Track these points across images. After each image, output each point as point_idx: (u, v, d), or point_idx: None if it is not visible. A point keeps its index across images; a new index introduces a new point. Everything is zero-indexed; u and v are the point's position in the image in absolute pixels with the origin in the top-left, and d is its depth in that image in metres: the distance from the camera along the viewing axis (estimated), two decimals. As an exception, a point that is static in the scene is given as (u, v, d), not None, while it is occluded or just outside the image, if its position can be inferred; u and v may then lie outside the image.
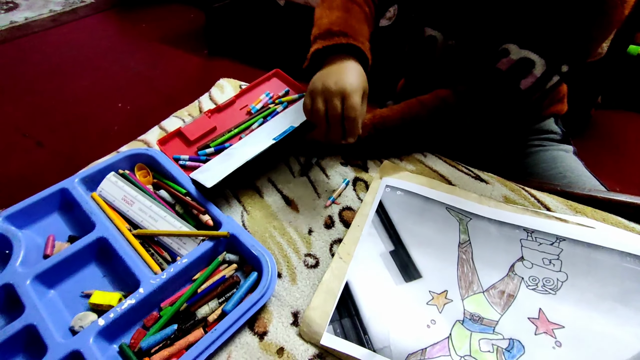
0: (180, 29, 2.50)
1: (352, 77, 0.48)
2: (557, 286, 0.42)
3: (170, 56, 2.18)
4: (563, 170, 0.62)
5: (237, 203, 0.54)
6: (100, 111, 1.71)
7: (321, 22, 0.55)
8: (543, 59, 0.50)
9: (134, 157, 0.56)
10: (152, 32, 2.45)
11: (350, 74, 0.49)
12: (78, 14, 2.66)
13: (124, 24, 2.58)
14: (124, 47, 2.26)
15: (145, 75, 1.98)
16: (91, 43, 2.30)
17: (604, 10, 0.47)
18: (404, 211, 0.50)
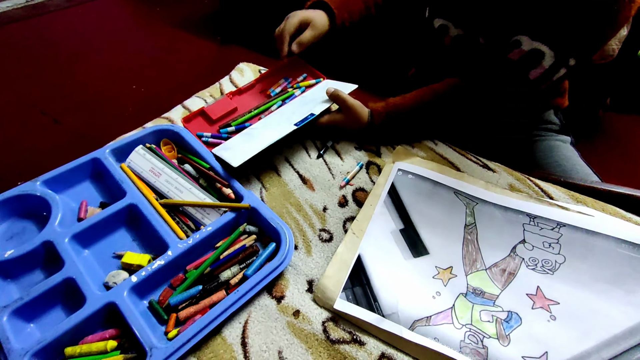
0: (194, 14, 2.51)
1: (303, 12, 0.65)
2: (555, 267, 0.45)
3: (183, 41, 2.20)
4: (558, 159, 0.65)
5: (256, 180, 0.57)
6: (114, 92, 1.74)
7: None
8: (553, 51, 0.53)
9: (160, 133, 0.59)
10: (166, 16, 2.46)
11: (304, 11, 0.65)
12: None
13: (139, 7, 2.59)
14: (138, 30, 2.28)
15: (159, 58, 2.00)
16: (106, 24, 2.33)
17: (612, 7, 0.50)
18: (414, 193, 0.53)
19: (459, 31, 0.65)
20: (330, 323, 0.42)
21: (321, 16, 0.65)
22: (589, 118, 1.45)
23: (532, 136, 0.70)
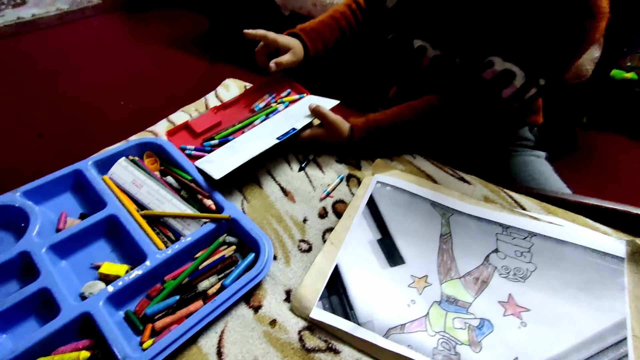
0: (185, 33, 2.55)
1: (281, 36, 0.69)
2: (527, 275, 0.46)
3: (174, 59, 2.23)
4: (533, 173, 0.67)
5: (237, 192, 0.58)
6: (102, 108, 1.75)
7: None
8: (523, 72, 0.55)
9: (144, 146, 0.60)
10: (157, 35, 2.50)
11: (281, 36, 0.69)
12: (85, 14, 2.71)
13: (130, 26, 2.63)
14: (129, 48, 2.31)
15: (148, 76, 2.03)
16: (96, 42, 2.35)
17: (578, 31, 0.53)
18: (392, 204, 0.54)
19: (436, 52, 0.68)
20: (307, 332, 0.42)
21: (299, 45, 0.70)
22: (567, 135, 1.49)
23: (508, 151, 0.72)
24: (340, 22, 0.74)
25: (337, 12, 0.75)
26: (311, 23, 0.74)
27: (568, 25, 0.53)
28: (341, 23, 0.74)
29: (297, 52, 0.69)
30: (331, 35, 0.74)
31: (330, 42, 0.74)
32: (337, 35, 0.75)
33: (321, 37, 0.73)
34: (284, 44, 0.68)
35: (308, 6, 1.74)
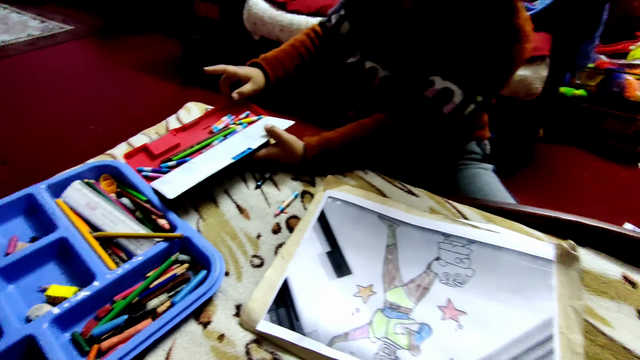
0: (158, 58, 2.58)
1: (242, 68, 0.74)
2: (465, 280, 0.49)
3: (145, 84, 2.24)
4: (480, 185, 0.71)
5: (193, 211, 0.60)
6: (70, 133, 1.73)
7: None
8: (460, 89, 0.60)
9: (100, 168, 0.61)
10: (129, 60, 2.51)
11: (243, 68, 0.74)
12: (56, 40, 2.71)
13: (102, 51, 2.64)
14: (100, 73, 2.31)
15: (118, 100, 2.03)
16: (67, 68, 2.34)
17: (504, 53, 0.58)
18: (342, 218, 0.56)
19: (386, 72, 0.72)
20: (254, 345, 0.43)
21: (259, 74, 0.75)
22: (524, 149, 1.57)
23: (457, 165, 0.77)
24: (300, 49, 0.80)
25: (297, 41, 0.81)
26: (273, 52, 0.79)
27: (496, 47, 0.59)
28: (300, 50, 0.80)
29: (257, 81, 0.74)
30: (291, 62, 0.79)
31: (290, 69, 0.79)
32: (297, 62, 0.80)
33: (282, 65, 0.78)
34: (244, 75, 0.73)
35: (276, 32, 1.80)
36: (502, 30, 0.58)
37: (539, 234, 0.54)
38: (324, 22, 0.81)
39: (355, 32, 0.76)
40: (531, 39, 0.60)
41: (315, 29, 0.82)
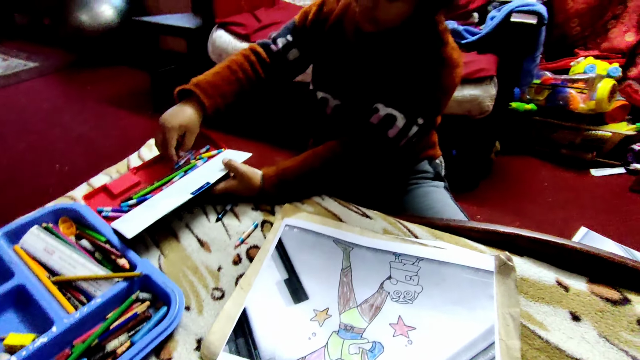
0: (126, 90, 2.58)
1: (177, 118, 0.68)
2: (415, 297, 0.52)
3: (114, 117, 2.23)
4: (432, 203, 0.76)
5: (155, 247, 0.61)
6: (36, 173, 1.70)
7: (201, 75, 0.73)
8: (402, 114, 0.65)
9: (58, 212, 0.61)
10: (97, 94, 2.50)
11: (178, 116, 0.69)
12: (20, 77, 2.67)
13: (69, 87, 2.62)
14: (67, 110, 2.28)
15: (87, 136, 2.01)
16: (32, 106, 2.31)
17: (437, 80, 0.64)
18: (299, 245, 0.59)
19: (337, 102, 0.77)
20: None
21: (193, 117, 0.69)
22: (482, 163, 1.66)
23: (409, 184, 0.82)
24: (238, 73, 0.74)
25: (233, 62, 0.75)
26: (207, 76, 0.73)
27: (428, 74, 0.65)
28: (239, 75, 0.74)
29: (193, 129, 0.70)
30: (230, 88, 0.73)
31: (229, 95, 0.73)
32: (235, 88, 0.74)
33: (219, 91, 0.72)
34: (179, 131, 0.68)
35: (242, 62, 1.85)
36: (432, 59, 0.65)
37: (482, 247, 0.59)
38: (267, 45, 0.78)
39: (304, 60, 0.79)
40: (459, 64, 0.66)
41: (255, 50, 0.77)
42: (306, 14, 0.77)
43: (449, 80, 0.65)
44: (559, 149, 1.88)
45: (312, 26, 0.76)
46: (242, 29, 1.84)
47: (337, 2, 0.75)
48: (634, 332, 0.48)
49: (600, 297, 0.51)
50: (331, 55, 0.75)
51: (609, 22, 1.87)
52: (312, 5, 0.76)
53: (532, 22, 1.30)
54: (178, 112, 0.69)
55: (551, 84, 1.76)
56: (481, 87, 1.42)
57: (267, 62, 0.78)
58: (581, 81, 1.69)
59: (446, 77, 0.65)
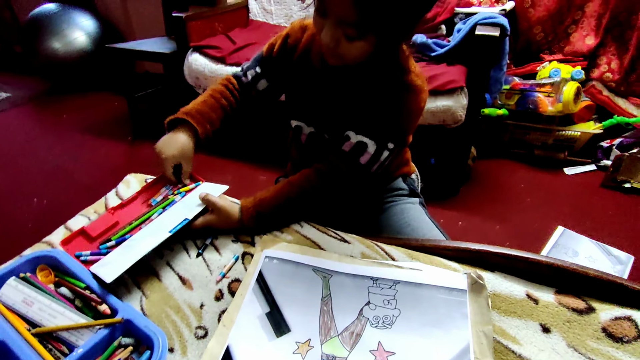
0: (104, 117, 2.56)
1: (172, 146, 0.73)
2: (393, 321, 0.54)
3: (92, 145, 2.21)
4: (408, 220, 0.78)
5: (136, 289, 0.61)
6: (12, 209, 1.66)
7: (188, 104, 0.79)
8: (372, 140, 0.67)
9: (36, 260, 0.61)
10: (73, 122, 2.48)
11: (172, 144, 0.74)
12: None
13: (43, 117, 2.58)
14: (43, 141, 2.25)
15: (64, 167, 1.98)
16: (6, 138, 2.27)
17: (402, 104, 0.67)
18: (279, 277, 0.60)
19: (311, 129, 0.79)
20: (199, 420, 0.45)
21: (187, 143, 0.75)
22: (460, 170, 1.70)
23: (385, 203, 0.84)
24: (221, 101, 0.80)
25: (216, 92, 0.81)
26: (194, 105, 0.78)
27: (394, 101, 0.67)
28: (222, 102, 0.80)
29: (188, 156, 0.75)
30: (216, 114, 0.79)
31: (215, 122, 0.79)
32: (220, 114, 0.80)
33: (208, 119, 0.78)
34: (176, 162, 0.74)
35: (219, 84, 1.87)
36: (397, 87, 0.67)
37: (455, 265, 0.61)
38: (239, 77, 0.83)
39: (273, 90, 0.82)
40: (424, 89, 0.69)
41: (231, 81, 0.83)
42: (272, 46, 0.79)
43: (415, 105, 0.68)
44: (533, 150, 1.95)
45: (279, 57, 0.78)
46: (217, 51, 1.86)
47: (303, 33, 0.77)
48: (599, 339, 0.50)
49: (567, 307, 0.54)
50: (301, 85, 0.77)
51: (569, 27, 1.96)
52: (277, 37, 0.79)
53: (495, 34, 1.35)
54: (171, 141, 0.74)
55: (520, 89, 1.83)
56: (453, 97, 1.46)
57: (238, 91, 0.83)
58: (547, 85, 1.77)
59: (412, 103, 0.68)
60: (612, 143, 1.86)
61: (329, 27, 0.59)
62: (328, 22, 0.59)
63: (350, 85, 0.71)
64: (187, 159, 0.75)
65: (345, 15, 0.55)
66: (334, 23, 0.58)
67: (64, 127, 2.41)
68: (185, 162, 0.75)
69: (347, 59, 0.62)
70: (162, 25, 2.48)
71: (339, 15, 0.56)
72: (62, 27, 2.70)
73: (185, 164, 0.75)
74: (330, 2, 0.57)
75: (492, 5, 1.82)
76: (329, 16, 0.58)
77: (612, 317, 0.52)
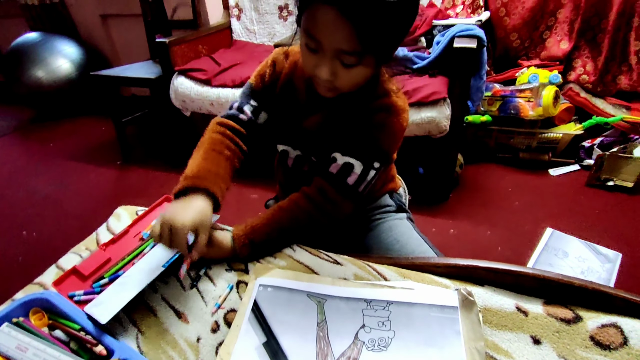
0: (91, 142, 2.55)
1: (188, 214, 0.62)
2: (388, 343, 0.54)
3: (81, 172, 2.20)
4: (397, 236, 0.80)
5: (132, 326, 0.61)
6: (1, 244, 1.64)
7: (185, 170, 0.70)
8: (359, 161, 0.69)
9: (28, 304, 0.61)
10: (61, 150, 2.46)
11: (187, 211, 0.62)
12: (-24, 142, 2.60)
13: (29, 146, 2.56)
14: (30, 171, 2.23)
15: (53, 197, 1.96)
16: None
17: (385, 125, 0.69)
18: (274, 305, 0.61)
19: (297, 153, 0.81)
20: None
21: (205, 209, 0.64)
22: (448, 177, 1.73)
23: (373, 221, 0.85)
24: (225, 153, 0.73)
25: (216, 144, 0.73)
26: (199, 167, 0.69)
27: (377, 123, 0.69)
28: (227, 154, 0.73)
29: (207, 224, 0.64)
30: (225, 171, 0.72)
31: (228, 179, 0.72)
32: (230, 169, 0.73)
33: (219, 177, 0.69)
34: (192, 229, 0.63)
35: (206, 106, 1.88)
36: (380, 109, 0.69)
37: (446, 281, 0.62)
38: (235, 116, 0.78)
39: (272, 120, 0.81)
40: (405, 109, 0.72)
41: (227, 125, 0.76)
42: (262, 76, 0.78)
43: (398, 126, 0.70)
44: (518, 154, 1.99)
45: (271, 85, 0.78)
46: (203, 74, 1.88)
47: (286, 59, 0.79)
48: (587, 348, 0.52)
49: (556, 317, 0.55)
50: (285, 111, 0.79)
51: (544, 33, 2.02)
52: (264, 67, 0.79)
53: (472, 46, 1.40)
54: (187, 208, 0.63)
55: (501, 95, 1.88)
56: (436, 108, 1.50)
57: (243, 133, 0.77)
58: (527, 90, 1.82)
59: (395, 124, 0.70)
60: (593, 143, 1.91)
61: (325, 61, 0.59)
62: (323, 57, 0.59)
63: (334, 110, 0.73)
64: (206, 227, 0.64)
65: (345, 46, 0.56)
66: (330, 57, 0.59)
67: (51, 155, 2.39)
68: (203, 231, 0.64)
69: (345, 89, 0.63)
70: (146, 49, 2.49)
71: (337, 47, 0.57)
72: (44, 55, 2.70)
73: (203, 233, 0.64)
74: (327, 38, 0.57)
75: (468, 16, 1.87)
76: (325, 50, 0.58)
77: (599, 325, 0.53)
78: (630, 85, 1.95)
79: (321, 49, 0.59)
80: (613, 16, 1.85)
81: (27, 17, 3.00)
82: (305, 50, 0.62)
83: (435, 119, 1.49)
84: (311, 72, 0.64)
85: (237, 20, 2.37)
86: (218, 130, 0.76)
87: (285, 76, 0.77)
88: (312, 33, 0.58)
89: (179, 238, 0.61)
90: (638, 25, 1.84)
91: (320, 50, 0.59)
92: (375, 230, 0.83)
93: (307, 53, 0.62)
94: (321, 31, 0.57)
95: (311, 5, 0.57)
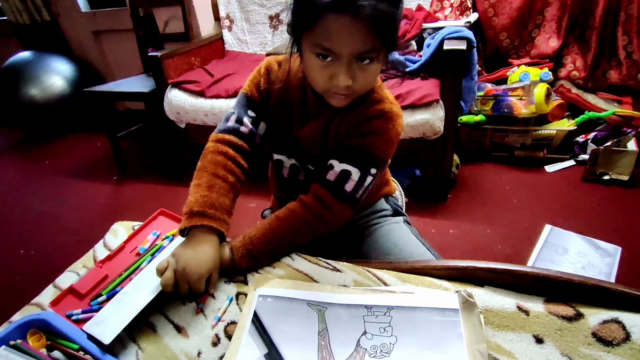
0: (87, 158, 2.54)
1: (202, 263, 0.63)
2: (390, 349, 0.54)
3: (78, 188, 2.19)
4: (395, 240, 0.80)
5: (131, 343, 0.60)
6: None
7: (189, 199, 0.68)
8: (356, 168, 0.69)
9: (26, 325, 0.60)
10: (56, 167, 2.45)
11: (201, 260, 0.63)
12: (-29, 163, 2.59)
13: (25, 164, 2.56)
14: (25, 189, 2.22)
15: (50, 214, 1.95)
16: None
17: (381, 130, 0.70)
18: (274, 315, 0.60)
19: (292, 161, 0.80)
20: None
21: (216, 254, 0.65)
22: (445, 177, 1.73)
23: (370, 226, 0.85)
24: (229, 179, 0.71)
25: (218, 168, 0.71)
26: (204, 197, 0.67)
27: (372, 129, 0.70)
28: (229, 180, 0.71)
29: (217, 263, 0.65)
30: (229, 199, 0.70)
31: (231, 208, 0.71)
32: (233, 195, 0.72)
33: (224, 208, 0.68)
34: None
35: (201, 117, 1.88)
36: (374, 116, 0.70)
37: (446, 283, 0.62)
38: (235, 130, 0.75)
39: (271, 130, 0.80)
40: (399, 115, 0.72)
41: (228, 141, 0.74)
42: (257, 85, 0.77)
43: (393, 132, 0.71)
44: (513, 152, 2.00)
45: (266, 94, 0.77)
46: (196, 85, 1.88)
47: (279, 68, 0.79)
48: (590, 345, 0.52)
49: (557, 315, 0.55)
50: (279, 120, 0.79)
51: (533, 32, 2.05)
52: (257, 76, 0.78)
53: (462, 47, 1.41)
54: (198, 255, 0.63)
55: (493, 95, 1.89)
56: (429, 110, 1.50)
57: (246, 150, 0.75)
58: (519, 89, 1.83)
59: (390, 130, 0.70)
60: (587, 138, 1.92)
61: (342, 69, 0.59)
62: (340, 65, 0.59)
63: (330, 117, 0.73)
64: (217, 268, 0.66)
65: (363, 47, 0.57)
66: (347, 63, 0.59)
67: (47, 173, 2.38)
68: (215, 271, 0.66)
69: (361, 91, 0.64)
70: (139, 63, 2.50)
71: (354, 52, 0.58)
72: (38, 73, 2.70)
73: (215, 273, 0.66)
74: (344, 45, 0.57)
75: (457, 18, 1.89)
76: (342, 58, 0.58)
77: (601, 321, 0.53)
78: (620, 80, 1.97)
79: (337, 57, 0.59)
80: (599, 12, 1.87)
81: (20, 36, 3.00)
82: (316, 65, 0.61)
83: (429, 121, 1.50)
84: (326, 86, 0.63)
85: (229, 31, 2.38)
86: (220, 150, 0.73)
87: (280, 84, 0.77)
88: (326, 45, 0.58)
89: (197, 288, 0.63)
90: (625, 20, 1.86)
91: (336, 60, 0.59)
92: (373, 236, 0.83)
93: (319, 68, 0.61)
94: (336, 40, 0.57)
95: (319, 20, 0.56)
